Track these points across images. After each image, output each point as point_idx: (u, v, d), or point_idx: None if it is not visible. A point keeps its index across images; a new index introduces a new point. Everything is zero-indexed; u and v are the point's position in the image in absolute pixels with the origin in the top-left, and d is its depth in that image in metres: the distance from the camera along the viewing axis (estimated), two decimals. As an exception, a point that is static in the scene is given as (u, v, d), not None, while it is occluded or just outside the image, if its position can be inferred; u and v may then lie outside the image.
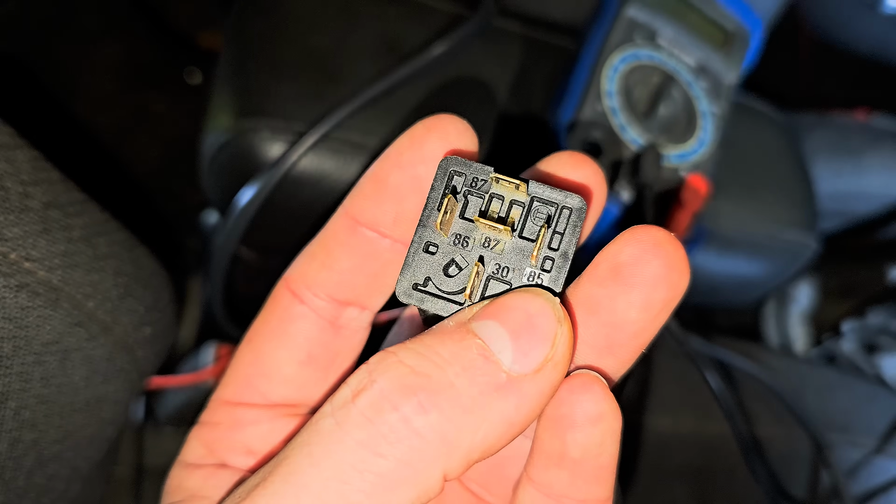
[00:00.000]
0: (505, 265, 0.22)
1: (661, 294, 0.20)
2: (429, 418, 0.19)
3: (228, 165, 0.41)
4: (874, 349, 0.66)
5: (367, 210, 0.25)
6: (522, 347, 0.20)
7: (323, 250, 0.26)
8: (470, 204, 0.22)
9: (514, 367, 0.20)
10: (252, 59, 0.42)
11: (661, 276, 0.20)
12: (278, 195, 0.41)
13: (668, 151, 0.41)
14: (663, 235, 0.20)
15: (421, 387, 0.19)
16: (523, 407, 0.20)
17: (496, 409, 0.19)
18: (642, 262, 0.20)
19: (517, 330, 0.20)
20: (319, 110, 0.40)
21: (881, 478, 0.54)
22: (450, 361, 0.20)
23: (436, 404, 0.19)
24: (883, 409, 0.58)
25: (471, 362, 0.20)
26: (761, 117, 0.55)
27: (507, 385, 0.20)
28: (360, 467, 0.19)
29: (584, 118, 0.40)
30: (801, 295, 0.72)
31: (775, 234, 0.50)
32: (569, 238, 0.22)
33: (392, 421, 0.19)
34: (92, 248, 0.33)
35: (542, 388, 0.20)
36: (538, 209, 0.22)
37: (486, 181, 0.22)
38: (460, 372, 0.20)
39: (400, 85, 0.41)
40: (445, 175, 0.22)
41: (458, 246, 0.22)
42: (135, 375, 0.38)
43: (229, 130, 0.40)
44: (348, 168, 0.41)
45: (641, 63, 0.42)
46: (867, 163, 0.63)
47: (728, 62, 0.45)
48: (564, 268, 0.22)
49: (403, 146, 0.24)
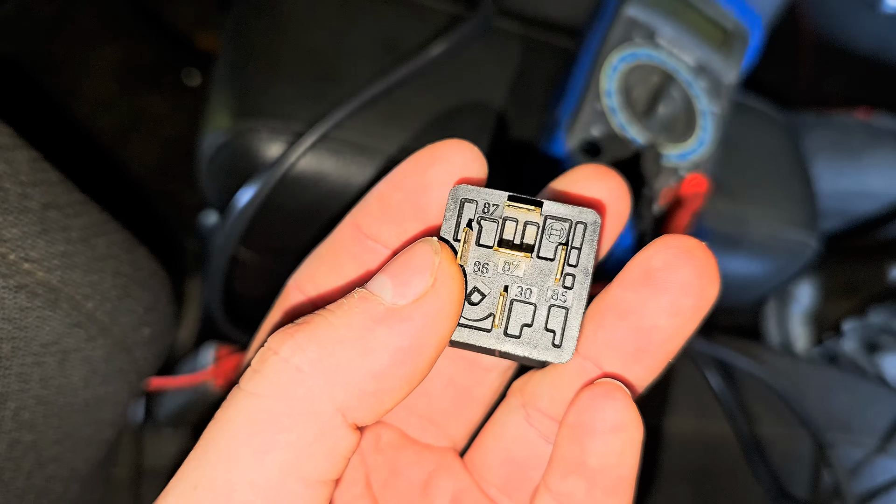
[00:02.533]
0: (527, 287, 0.22)
1: (691, 300, 0.21)
2: (307, 353, 0.19)
3: (227, 166, 0.41)
4: (875, 348, 0.66)
5: (373, 226, 0.25)
6: (401, 282, 0.20)
7: (331, 255, 0.27)
8: (484, 230, 0.23)
9: (394, 299, 0.20)
10: (250, 59, 0.42)
11: (691, 282, 0.21)
12: (277, 196, 0.41)
13: (667, 151, 0.41)
14: (694, 244, 0.21)
15: (299, 330, 0.20)
16: (409, 333, 0.20)
17: (380, 339, 0.20)
18: (673, 267, 0.21)
19: (396, 269, 0.21)
20: (318, 111, 0.40)
21: (883, 477, 0.54)
22: (331, 309, 0.20)
23: (312, 340, 0.20)
24: (884, 409, 0.57)
25: (350, 304, 0.20)
26: (761, 116, 0.55)
27: (388, 315, 0.20)
28: (252, 412, 0.19)
29: (584, 118, 0.40)
30: (802, 294, 0.72)
31: (776, 234, 0.50)
32: (587, 253, 0.22)
33: (273, 362, 0.20)
34: (91, 248, 0.33)
35: (428, 313, 0.20)
36: (553, 227, 0.22)
37: (499, 206, 0.23)
38: (339, 313, 0.20)
39: (399, 85, 0.41)
40: (457, 204, 0.23)
41: (478, 273, 0.23)
42: (133, 376, 0.37)
43: (228, 131, 0.40)
44: (347, 168, 0.40)
45: (641, 62, 0.42)
46: (868, 162, 0.63)
47: (728, 61, 0.45)
48: (586, 282, 0.22)
49: (408, 171, 0.25)
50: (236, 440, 0.19)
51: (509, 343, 0.22)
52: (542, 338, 0.22)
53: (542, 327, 0.22)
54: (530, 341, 0.22)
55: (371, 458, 0.27)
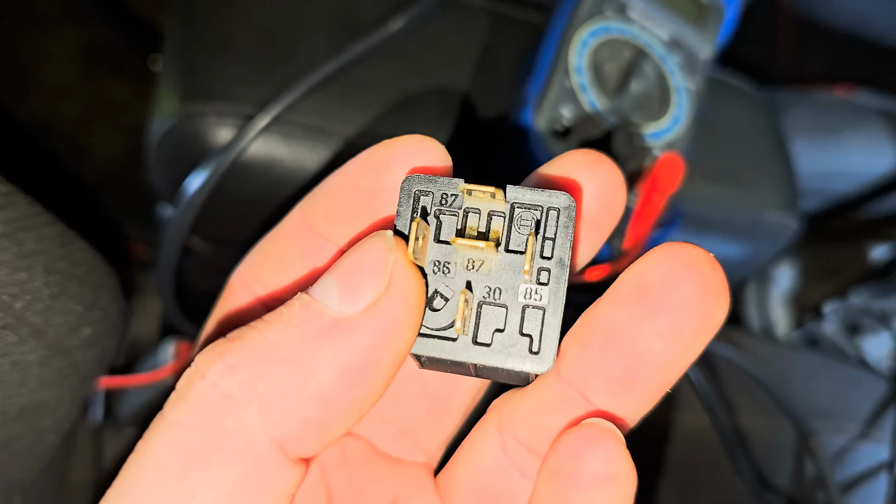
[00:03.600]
0: (496, 286, 0.20)
1: (693, 323, 0.18)
2: (237, 377, 0.17)
3: (175, 153, 0.39)
4: (856, 330, 0.65)
5: (322, 225, 0.23)
6: (349, 287, 0.18)
7: (278, 251, 0.24)
8: (444, 224, 0.20)
9: (341, 308, 0.17)
10: (197, 38, 0.39)
11: (694, 301, 0.18)
12: (228, 183, 0.38)
13: (640, 130, 0.39)
14: (699, 254, 0.18)
15: (229, 349, 0.17)
16: (359, 348, 0.17)
17: (325, 356, 0.17)
18: (672, 283, 0.18)
19: (344, 271, 0.18)
20: (270, 91, 0.38)
21: (866, 463, 0.53)
22: (268, 321, 0.18)
23: (244, 360, 0.17)
24: (867, 394, 0.56)
25: (290, 314, 0.18)
26: (739, 93, 0.53)
27: (335, 327, 0.17)
28: (175, 447, 0.17)
29: (552, 96, 0.38)
30: (782, 276, 0.70)
31: (754, 216, 0.49)
32: (562, 242, 0.19)
33: (199, 389, 0.17)
34: (17, 244, 0.30)
35: (382, 323, 0.17)
36: (522, 216, 0.20)
37: (458, 195, 0.20)
38: (277, 326, 0.17)
39: (356, 63, 0.39)
40: (410, 197, 0.20)
41: (439, 274, 0.20)
42: (75, 380, 0.35)
43: (174, 115, 0.38)
44: (301, 152, 0.38)
45: (612, 37, 0.40)
46: (848, 141, 0.62)
47: (702, 35, 0.43)
48: (563, 276, 0.19)
49: (361, 170, 0.22)
50: (156, 480, 0.17)
51: (479, 353, 0.19)
52: (517, 344, 0.19)
53: (516, 332, 0.19)
54: (503, 349, 0.19)
55: (334, 474, 0.25)
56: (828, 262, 0.70)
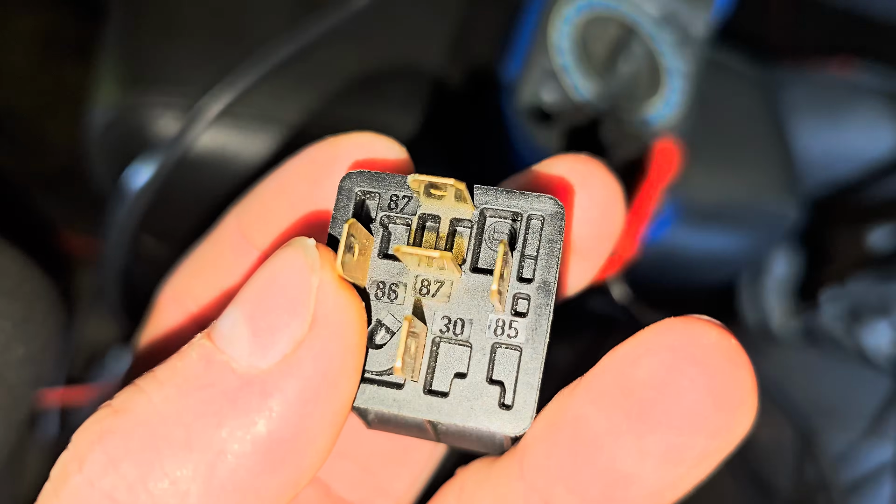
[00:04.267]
0: (457, 317, 0.15)
1: (700, 443, 0.13)
2: (122, 472, 0.13)
3: (118, 146, 0.35)
4: (854, 320, 0.62)
5: (256, 235, 0.19)
6: (261, 328, 0.13)
7: (211, 263, 0.21)
8: (392, 235, 0.16)
9: (251, 360, 0.13)
10: (140, 17, 0.36)
11: (706, 413, 0.13)
12: (178, 178, 0.35)
13: (630, 115, 0.36)
14: (715, 340, 0.13)
15: (111, 430, 0.13)
16: (279, 413, 0.13)
17: (234, 431, 0.13)
18: (674, 388, 0.13)
19: (254, 306, 0.14)
20: (221, 76, 0.34)
21: (871, 463, 0.50)
22: (163, 383, 0.14)
23: (128, 451, 0.13)
24: (869, 391, 0.54)
25: (189, 374, 0.14)
26: (734, 73, 0.50)
27: (244, 389, 0.13)
28: None
29: (533, 78, 0.34)
30: (777, 265, 0.68)
31: (752, 203, 0.46)
32: (546, 261, 0.15)
33: (77, 487, 0.13)
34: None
35: (307, 377, 0.13)
36: (494, 227, 0.15)
37: (410, 198, 0.15)
38: (170, 393, 0.13)
39: (316, 44, 0.35)
40: (351, 199, 0.16)
41: (383, 300, 0.15)
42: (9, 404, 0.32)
43: (116, 106, 0.35)
44: (257, 144, 0.35)
45: (597, 13, 0.37)
46: (846, 122, 0.60)
47: (695, 11, 0.40)
48: (547, 306, 0.15)
49: (298, 174, 0.18)
50: None
51: (434, 405, 0.15)
52: (484, 394, 0.15)
53: (482, 378, 0.15)
54: (465, 401, 0.15)
55: None
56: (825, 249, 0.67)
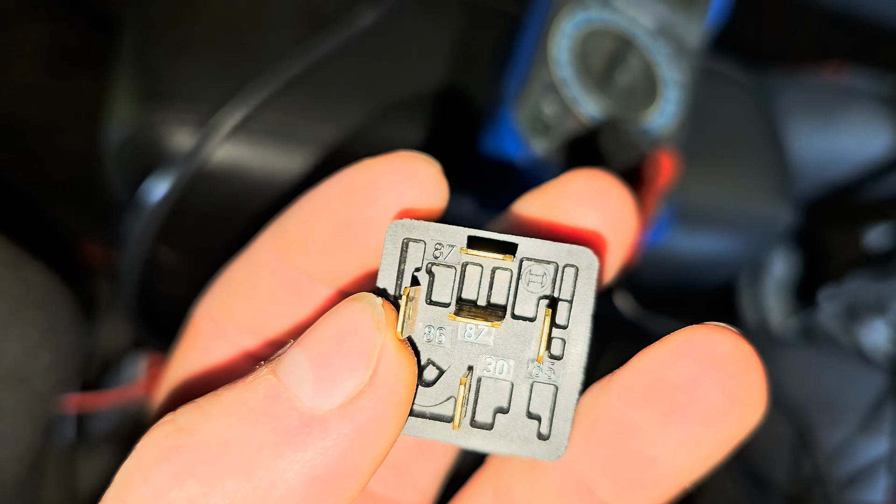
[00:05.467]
0: (500, 358, 0.17)
1: (717, 432, 0.15)
2: (186, 489, 0.14)
3: (133, 162, 0.37)
4: (851, 318, 0.63)
5: (297, 258, 0.20)
6: (326, 374, 0.15)
7: (249, 284, 0.21)
8: (437, 281, 0.17)
9: (314, 401, 0.15)
10: (154, 35, 0.37)
11: (724, 409, 0.15)
12: (194, 191, 0.36)
13: (628, 124, 0.37)
14: (733, 346, 0.15)
15: (178, 447, 0.14)
16: (333, 452, 0.14)
17: (292, 463, 0.14)
18: (698, 388, 0.15)
19: (321, 352, 0.15)
20: (234, 94, 0.35)
21: (867, 457, 0.51)
22: (229, 410, 0.15)
23: (194, 469, 0.14)
24: (865, 386, 0.55)
25: (255, 406, 0.15)
26: (728, 81, 0.51)
27: (305, 428, 0.14)
28: None
29: (533, 90, 0.35)
30: (776, 265, 0.69)
31: (748, 208, 0.47)
32: (581, 308, 0.17)
33: (143, 497, 0.14)
34: (-39, 271, 0.28)
35: (362, 423, 0.15)
36: (532, 273, 0.17)
37: (455, 247, 0.17)
38: (236, 422, 0.14)
39: (324, 61, 0.36)
40: (398, 248, 0.17)
41: (432, 341, 0.17)
42: (36, 407, 0.33)
43: (133, 123, 0.36)
44: (269, 159, 0.36)
45: (595, 27, 0.38)
46: (840, 125, 0.60)
47: (690, 21, 0.41)
48: (581, 348, 0.17)
49: (340, 197, 0.19)
50: None
51: (478, 436, 0.17)
52: (524, 427, 0.17)
53: (522, 413, 0.17)
54: (507, 433, 0.17)
55: None
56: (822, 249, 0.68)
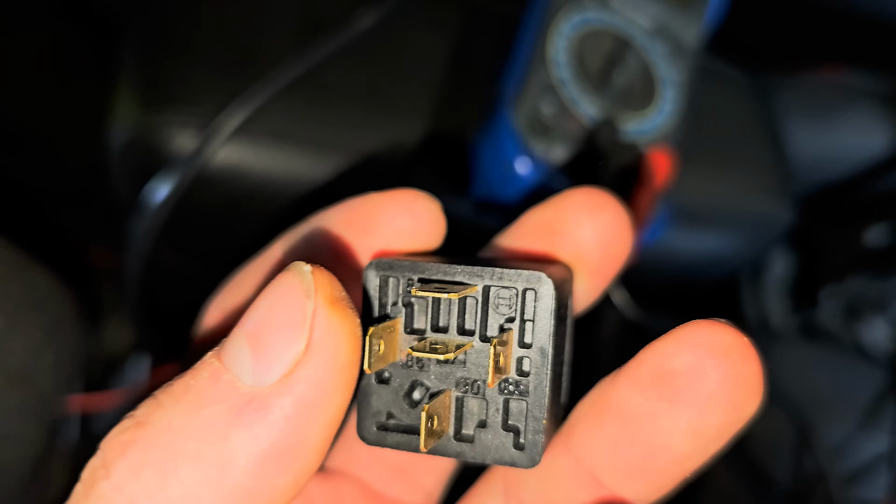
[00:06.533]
0: (474, 378, 0.18)
1: (718, 419, 0.17)
2: (143, 480, 0.14)
3: (136, 165, 0.37)
4: (852, 316, 0.63)
5: None
6: (262, 350, 0.15)
7: (254, 288, 0.22)
8: (415, 310, 0.19)
9: (255, 379, 0.15)
10: (156, 39, 0.37)
11: (722, 396, 0.16)
12: (196, 194, 0.36)
13: (626, 124, 0.37)
14: (731, 339, 0.16)
15: (134, 440, 0.15)
16: (276, 429, 0.15)
17: (240, 443, 0.14)
18: (699, 375, 0.16)
19: (256, 329, 0.15)
20: (236, 97, 0.36)
21: (868, 454, 0.51)
22: (178, 398, 0.15)
23: (150, 460, 0.15)
24: (866, 383, 0.55)
25: (199, 391, 0.15)
26: (726, 80, 0.51)
27: (248, 406, 0.15)
28: None
29: (531, 91, 0.36)
30: (776, 264, 0.69)
31: (746, 206, 0.47)
32: (542, 329, 0.18)
33: (105, 492, 0.15)
34: (-35, 273, 0.28)
35: (301, 395, 0.15)
36: (499, 297, 0.18)
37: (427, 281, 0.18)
38: (184, 408, 0.15)
39: (323, 63, 0.37)
40: (377, 283, 0.19)
41: (413, 366, 0.19)
42: (40, 408, 0.34)
43: (135, 125, 0.36)
44: (268, 160, 0.36)
45: (593, 28, 0.38)
46: (840, 124, 0.60)
47: (688, 21, 0.41)
48: (545, 364, 0.18)
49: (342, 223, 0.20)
50: None
51: (462, 448, 0.18)
52: (502, 439, 0.18)
53: (499, 425, 0.18)
54: (489, 444, 0.18)
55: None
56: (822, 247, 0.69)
